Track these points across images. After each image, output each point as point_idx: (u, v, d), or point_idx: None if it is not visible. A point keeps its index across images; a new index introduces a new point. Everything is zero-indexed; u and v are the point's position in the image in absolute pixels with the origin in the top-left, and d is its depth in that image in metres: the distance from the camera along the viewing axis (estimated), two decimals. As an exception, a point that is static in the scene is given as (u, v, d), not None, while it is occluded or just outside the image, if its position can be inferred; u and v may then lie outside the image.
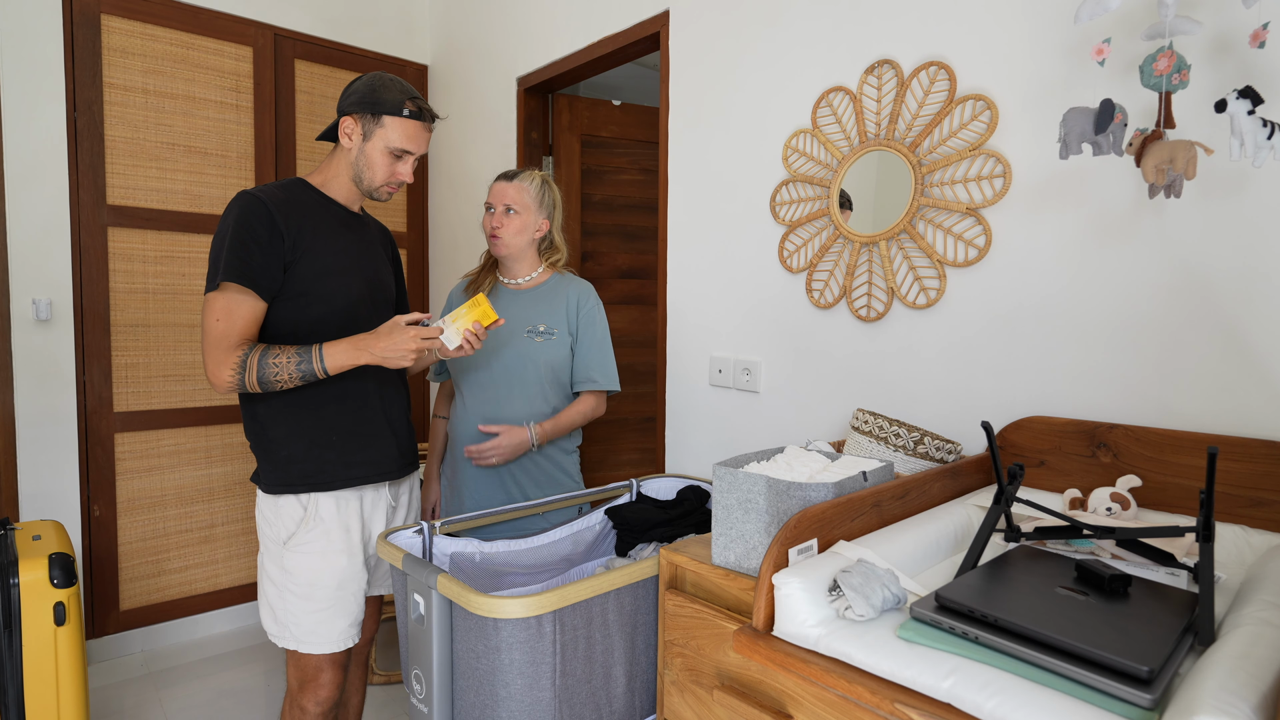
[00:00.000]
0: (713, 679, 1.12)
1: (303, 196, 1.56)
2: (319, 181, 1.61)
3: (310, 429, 1.53)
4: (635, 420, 2.94)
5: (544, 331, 1.84)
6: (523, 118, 2.70)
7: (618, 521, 1.78)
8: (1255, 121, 0.99)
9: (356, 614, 1.59)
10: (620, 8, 2.27)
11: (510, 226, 1.82)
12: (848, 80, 1.68)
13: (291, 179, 1.60)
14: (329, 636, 1.55)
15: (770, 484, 1.06)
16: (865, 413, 1.39)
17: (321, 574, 1.53)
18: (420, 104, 1.55)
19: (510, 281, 1.90)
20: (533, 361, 1.82)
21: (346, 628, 1.57)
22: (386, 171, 1.57)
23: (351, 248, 1.60)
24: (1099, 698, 0.70)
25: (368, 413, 1.60)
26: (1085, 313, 1.33)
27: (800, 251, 1.79)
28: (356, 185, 1.60)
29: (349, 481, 1.55)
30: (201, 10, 2.66)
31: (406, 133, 1.54)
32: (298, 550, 1.52)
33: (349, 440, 1.56)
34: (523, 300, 1.88)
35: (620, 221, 2.87)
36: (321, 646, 1.54)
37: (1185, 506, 1.16)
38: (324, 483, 1.53)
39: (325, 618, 1.54)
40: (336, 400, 1.56)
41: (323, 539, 1.53)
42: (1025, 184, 1.40)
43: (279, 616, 1.54)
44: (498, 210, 1.83)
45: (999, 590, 0.87)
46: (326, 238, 1.54)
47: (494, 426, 1.78)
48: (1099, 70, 1.29)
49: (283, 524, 1.53)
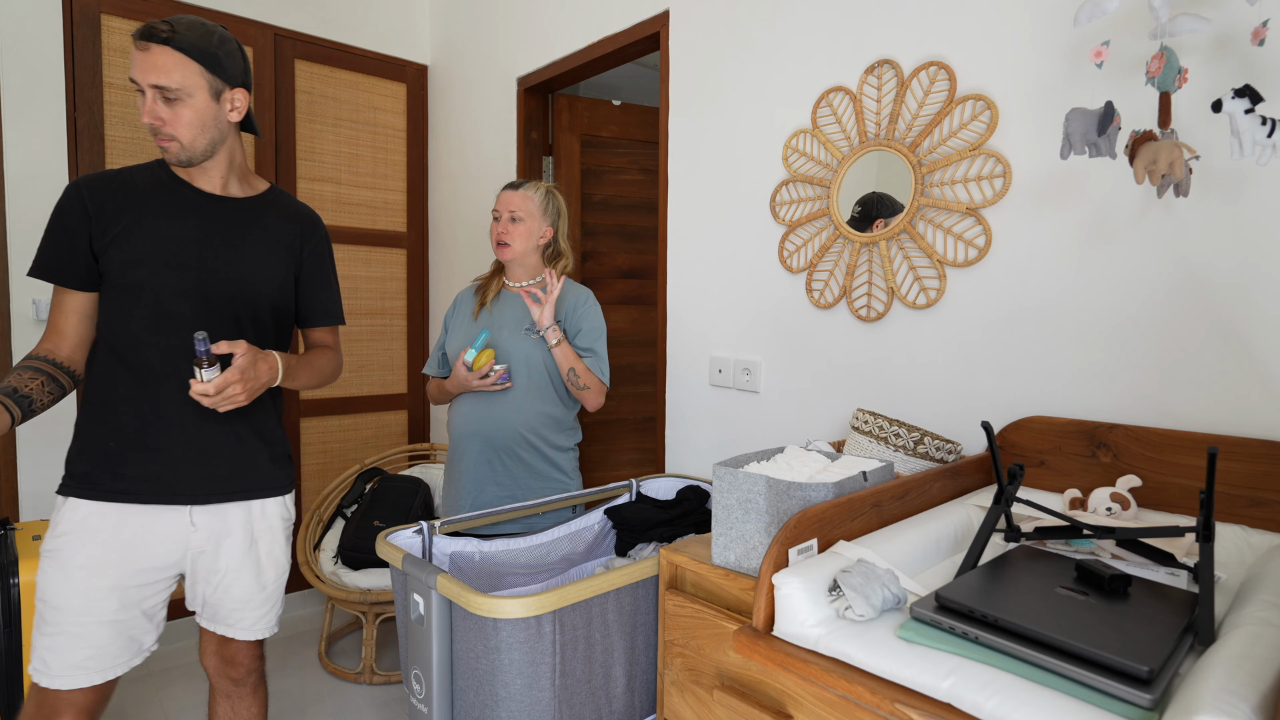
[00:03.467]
0: (713, 679, 1.12)
1: (141, 178, 1.37)
2: None
3: (93, 427, 1.34)
4: (635, 420, 2.94)
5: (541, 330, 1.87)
6: (523, 118, 2.70)
7: (617, 521, 1.78)
8: (1254, 120, 0.99)
9: (101, 646, 1.31)
10: (620, 8, 2.27)
11: (515, 233, 1.90)
12: (848, 80, 1.68)
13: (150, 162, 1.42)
14: (59, 668, 1.28)
15: (770, 484, 1.06)
16: (865, 413, 1.39)
17: (60, 590, 1.29)
18: (149, 26, 1.28)
19: (515, 285, 1.97)
20: (529, 360, 1.87)
21: (83, 659, 1.29)
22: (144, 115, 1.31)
23: (195, 234, 1.37)
24: (1099, 698, 0.70)
25: (161, 424, 1.36)
26: (1085, 313, 1.33)
27: (800, 251, 1.79)
28: None
29: (116, 495, 1.33)
30: (201, 10, 2.66)
31: (135, 60, 1.28)
32: (45, 556, 1.31)
33: (128, 450, 1.34)
34: (524, 302, 1.91)
35: (620, 221, 2.87)
36: (50, 679, 1.28)
37: (1185, 506, 1.16)
38: (85, 489, 1.33)
39: (59, 644, 1.28)
40: (128, 402, 1.35)
41: (73, 548, 1.30)
42: (1025, 184, 1.40)
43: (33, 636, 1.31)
44: (504, 218, 1.90)
45: (999, 590, 0.87)
46: (154, 222, 1.34)
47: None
48: (1099, 71, 1.29)
49: (54, 523, 1.34)
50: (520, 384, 1.87)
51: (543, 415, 1.89)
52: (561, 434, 1.93)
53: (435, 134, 3.24)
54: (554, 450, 1.92)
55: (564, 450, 1.94)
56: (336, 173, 3.03)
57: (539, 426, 1.88)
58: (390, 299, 3.22)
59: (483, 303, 1.95)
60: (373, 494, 2.70)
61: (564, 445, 1.94)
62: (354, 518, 2.63)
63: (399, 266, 3.24)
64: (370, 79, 3.10)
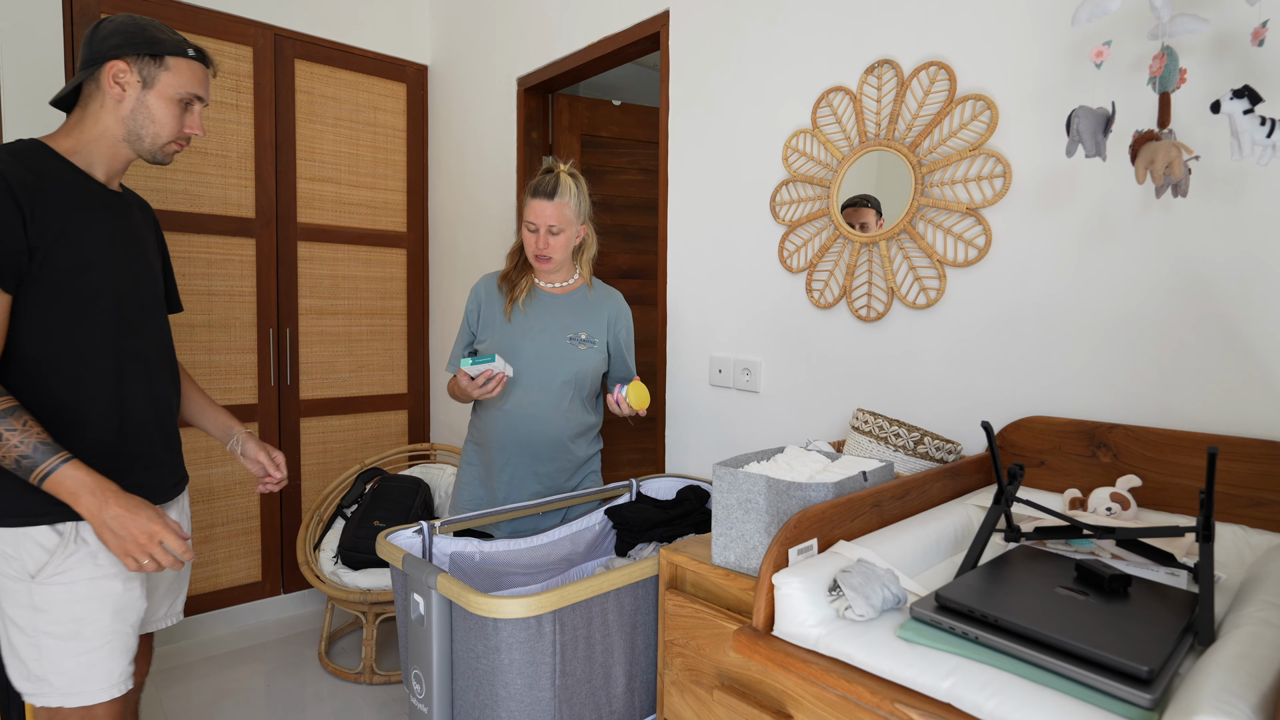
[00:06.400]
0: (713, 679, 1.12)
1: (50, 168, 1.24)
2: (67, 148, 1.29)
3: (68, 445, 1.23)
4: (635, 420, 2.94)
5: (586, 339, 1.85)
6: (523, 118, 2.70)
7: (618, 521, 1.78)
8: (1253, 120, 0.99)
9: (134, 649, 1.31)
10: (620, 8, 2.27)
11: (556, 246, 1.80)
12: (848, 80, 1.68)
13: (25, 143, 1.25)
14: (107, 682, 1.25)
15: (770, 484, 1.06)
16: (865, 413, 1.39)
17: (91, 606, 1.23)
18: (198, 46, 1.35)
19: (548, 286, 1.89)
20: (574, 367, 1.83)
21: (126, 666, 1.28)
22: (176, 124, 1.32)
23: (116, 235, 1.31)
24: (1099, 698, 0.70)
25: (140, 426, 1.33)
26: (1085, 312, 1.33)
27: (800, 251, 1.79)
28: (132, 147, 1.31)
29: None
30: (201, 10, 2.66)
31: (196, 75, 1.32)
32: (53, 582, 1.21)
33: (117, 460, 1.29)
34: (562, 305, 1.88)
35: (620, 221, 2.87)
36: (97, 695, 1.24)
37: (1185, 506, 1.16)
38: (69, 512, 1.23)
39: (100, 658, 1.24)
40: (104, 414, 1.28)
41: (88, 563, 1.24)
42: (1025, 184, 1.40)
43: (33, 670, 1.22)
44: (541, 232, 1.78)
45: (999, 590, 0.87)
46: (84, 222, 1.25)
47: None
48: (1099, 71, 1.29)
49: (28, 555, 1.21)
50: (568, 393, 1.83)
51: (584, 425, 1.89)
52: (596, 440, 1.96)
53: (435, 134, 3.24)
54: (591, 456, 1.94)
55: (596, 455, 1.97)
56: (336, 173, 3.03)
57: (578, 434, 1.88)
58: (390, 299, 3.22)
59: (512, 301, 1.84)
60: (373, 494, 2.70)
61: (596, 450, 1.97)
62: (354, 518, 2.63)
63: (399, 266, 3.24)
64: (370, 79, 3.10)
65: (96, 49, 1.27)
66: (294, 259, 2.93)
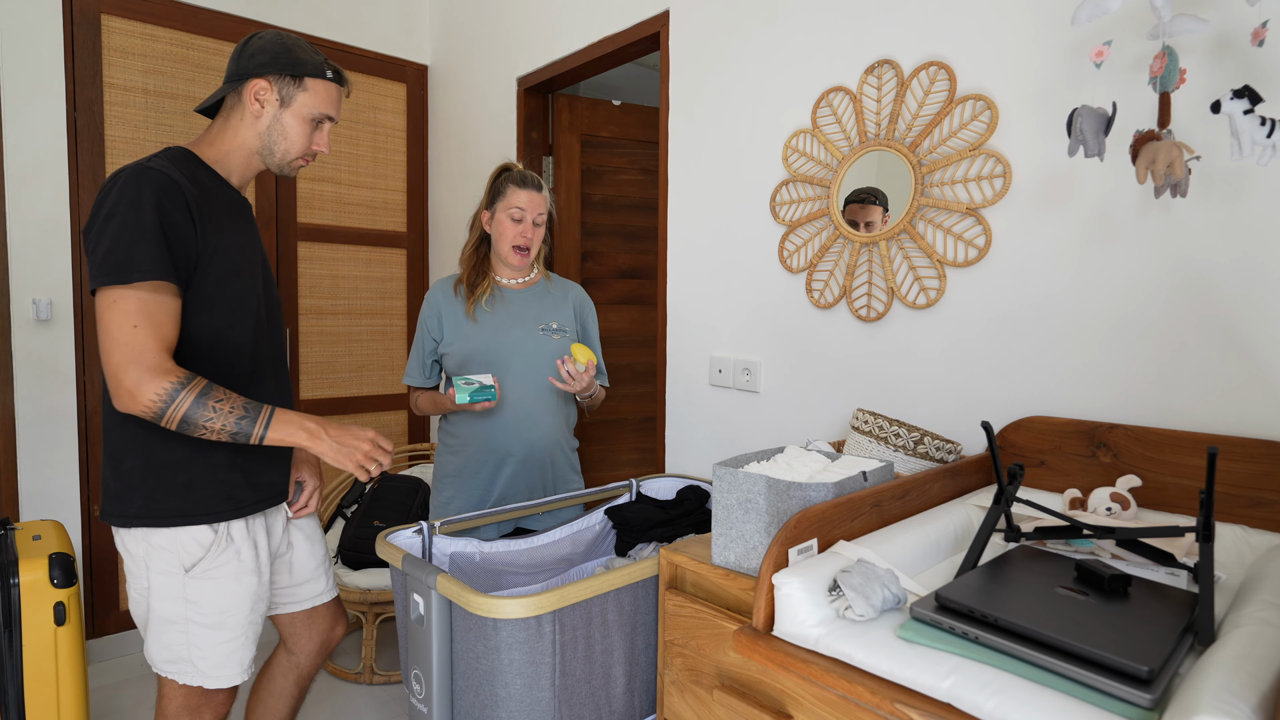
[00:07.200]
0: (713, 679, 1.12)
1: (203, 177, 1.31)
2: (212, 157, 1.36)
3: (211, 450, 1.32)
4: (635, 420, 2.94)
5: (557, 329, 1.86)
6: (523, 118, 2.70)
7: (617, 521, 1.78)
8: (1253, 120, 0.99)
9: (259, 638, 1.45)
10: (620, 8, 2.27)
11: (538, 237, 1.83)
12: (848, 80, 1.68)
13: (177, 150, 1.31)
14: (240, 667, 1.38)
15: (770, 484, 1.06)
16: (865, 413, 1.39)
17: (235, 598, 1.35)
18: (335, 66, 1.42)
19: (510, 282, 1.88)
20: (550, 357, 1.83)
21: (254, 653, 1.42)
22: (305, 141, 1.39)
23: (246, 242, 1.38)
24: (1099, 698, 0.70)
25: None
26: (1085, 313, 1.33)
27: (800, 251, 1.79)
28: (263, 159, 1.39)
29: (257, 505, 1.38)
30: (201, 10, 2.66)
31: (331, 97, 1.39)
32: (205, 576, 1.32)
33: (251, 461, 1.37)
34: (527, 298, 1.88)
35: (620, 221, 2.87)
36: (234, 679, 1.37)
37: (1185, 506, 1.16)
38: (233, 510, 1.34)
39: (237, 647, 1.36)
40: None
41: (234, 560, 1.35)
42: (1025, 184, 1.40)
43: (179, 653, 1.33)
44: (527, 221, 1.79)
45: (999, 590, 0.87)
46: (229, 230, 1.33)
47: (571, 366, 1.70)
48: (1099, 71, 1.29)
49: (185, 551, 1.31)
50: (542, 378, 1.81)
51: (569, 419, 1.92)
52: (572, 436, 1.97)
53: (435, 134, 3.24)
54: (573, 452, 1.95)
55: (575, 451, 1.97)
56: (336, 173, 3.03)
57: (566, 430, 1.91)
58: (390, 299, 3.22)
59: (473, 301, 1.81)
60: (372, 494, 2.70)
61: (575, 445, 1.97)
62: (354, 518, 2.63)
63: (399, 266, 3.24)
64: (370, 79, 3.11)
65: (243, 65, 1.34)
66: (294, 259, 2.93)
